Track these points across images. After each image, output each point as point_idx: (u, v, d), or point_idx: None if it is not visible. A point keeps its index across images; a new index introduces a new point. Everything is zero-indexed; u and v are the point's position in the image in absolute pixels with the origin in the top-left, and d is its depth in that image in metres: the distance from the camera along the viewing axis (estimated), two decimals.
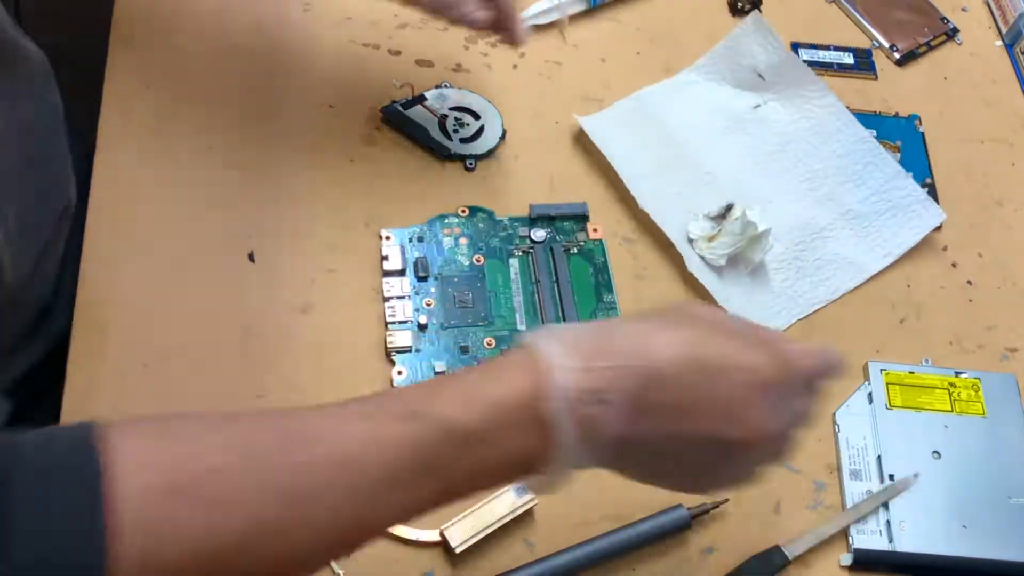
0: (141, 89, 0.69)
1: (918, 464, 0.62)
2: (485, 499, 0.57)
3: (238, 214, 0.66)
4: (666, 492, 0.61)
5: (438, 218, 0.68)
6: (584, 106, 0.75)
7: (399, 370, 0.62)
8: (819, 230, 0.72)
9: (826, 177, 0.74)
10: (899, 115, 0.79)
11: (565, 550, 0.57)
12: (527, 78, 0.76)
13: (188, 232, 0.65)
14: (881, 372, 0.66)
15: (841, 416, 0.65)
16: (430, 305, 0.65)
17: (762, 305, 0.68)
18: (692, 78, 0.78)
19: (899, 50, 0.83)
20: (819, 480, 0.63)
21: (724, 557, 0.59)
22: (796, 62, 0.76)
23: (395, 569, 0.56)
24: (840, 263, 0.71)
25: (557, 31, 0.79)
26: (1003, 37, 0.86)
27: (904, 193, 0.73)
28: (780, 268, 0.70)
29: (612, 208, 0.71)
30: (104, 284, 0.62)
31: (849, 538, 0.60)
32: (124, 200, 0.65)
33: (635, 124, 0.74)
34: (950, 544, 0.60)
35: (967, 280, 0.72)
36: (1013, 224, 0.76)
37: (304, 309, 0.64)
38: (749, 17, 0.77)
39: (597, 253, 0.69)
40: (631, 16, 0.81)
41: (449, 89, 0.74)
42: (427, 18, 0.77)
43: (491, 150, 0.72)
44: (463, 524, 0.57)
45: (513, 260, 0.68)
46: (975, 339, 0.70)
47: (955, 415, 0.65)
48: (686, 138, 0.74)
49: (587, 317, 0.66)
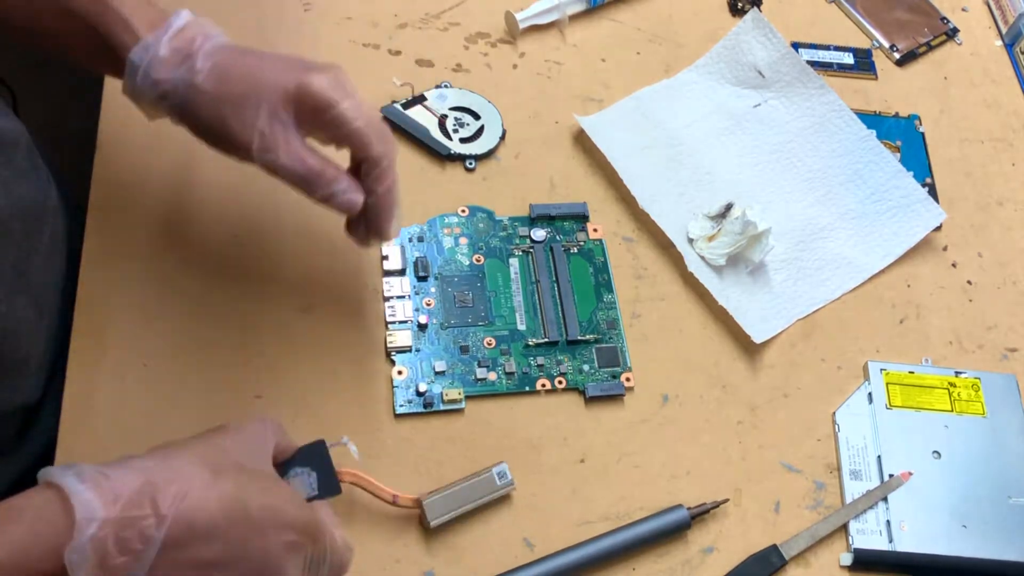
0: None
1: (918, 464, 0.62)
2: (464, 479, 0.58)
3: (238, 214, 0.66)
4: (666, 492, 0.61)
5: (438, 218, 0.68)
6: (584, 106, 0.75)
7: (399, 370, 0.62)
8: (819, 230, 0.72)
9: (826, 176, 0.74)
10: (899, 115, 0.79)
11: (565, 550, 0.57)
12: (527, 78, 0.76)
13: (187, 232, 0.65)
14: (881, 372, 0.66)
15: (841, 416, 0.65)
16: (430, 305, 0.65)
17: (762, 305, 0.68)
18: (692, 78, 0.78)
19: (899, 50, 0.83)
20: (819, 480, 0.63)
21: (724, 557, 0.59)
22: (796, 59, 0.76)
23: (395, 569, 0.56)
24: (840, 263, 0.71)
25: (557, 31, 0.79)
26: (1003, 37, 0.86)
27: (904, 192, 0.73)
28: (780, 268, 0.70)
29: (612, 208, 0.71)
30: (104, 284, 0.62)
31: (849, 538, 0.60)
32: (124, 200, 0.65)
33: (635, 124, 0.74)
34: (950, 544, 0.60)
35: (967, 280, 0.72)
36: (1013, 224, 0.76)
37: (304, 309, 0.64)
38: (748, 15, 0.77)
39: (597, 253, 0.69)
40: (631, 16, 0.81)
41: (449, 89, 0.74)
42: (427, 18, 0.77)
43: (491, 150, 0.72)
44: (441, 499, 0.57)
45: (513, 260, 0.68)
46: (975, 339, 0.70)
47: (955, 415, 0.65)
48: (686, 138, 0.74)
49: (587, 317, 0.66)
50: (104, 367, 0.59)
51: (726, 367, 0.66)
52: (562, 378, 0.63)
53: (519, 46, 0.78)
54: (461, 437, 0.61)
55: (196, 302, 0.63)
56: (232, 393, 0.60)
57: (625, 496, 0.61)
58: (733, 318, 0.66)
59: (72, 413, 0.58)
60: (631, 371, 0.64)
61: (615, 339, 0.65)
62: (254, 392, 0.60)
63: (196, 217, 0.66)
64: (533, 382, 0.63)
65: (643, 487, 0.61)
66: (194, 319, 0.62)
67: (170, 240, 0.65)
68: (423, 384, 0.61)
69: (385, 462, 0.59)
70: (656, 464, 0.62)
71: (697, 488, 0.61)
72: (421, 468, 0.60)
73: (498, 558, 0.57)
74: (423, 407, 0.61)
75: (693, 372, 0.66)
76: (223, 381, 0.60)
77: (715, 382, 0.65)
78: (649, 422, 0.63)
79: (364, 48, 0.75)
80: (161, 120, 0.69)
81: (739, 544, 0.60)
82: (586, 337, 0.65)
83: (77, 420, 0.58)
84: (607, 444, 0.62)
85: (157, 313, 0.62)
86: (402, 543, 0.57)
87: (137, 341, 0.61)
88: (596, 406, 0.63)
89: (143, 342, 0.61)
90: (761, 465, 0.63)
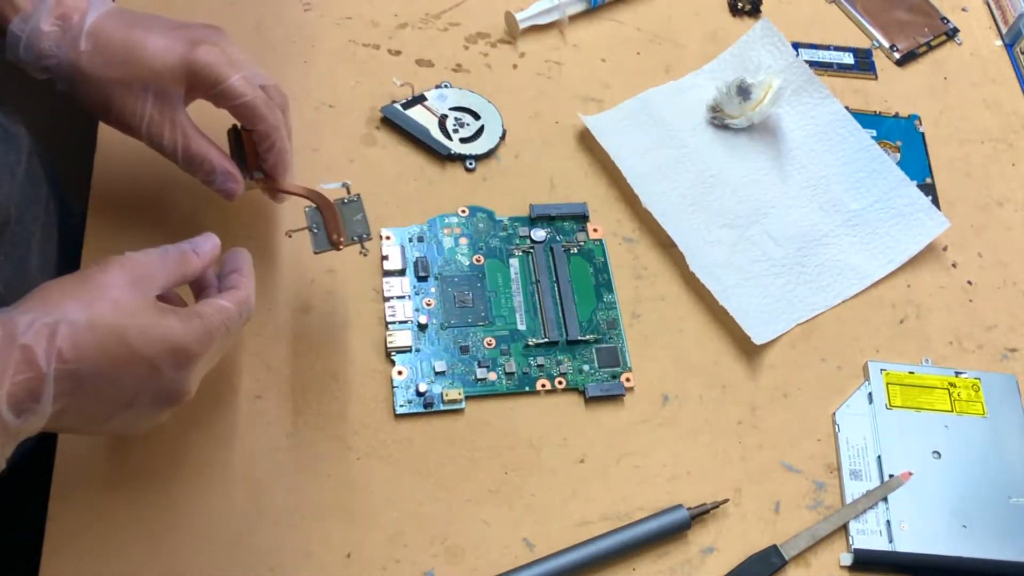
0: None
1: (918, 464, 0.62)
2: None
3: (238, 214, 0.66)
4: (666, 492, 0.61)
5: (438, 218, 0.68)
6: (584, 106, 0.75)
7: (399, 370, 0.62)
8: (821, 236, 0.72)
9: (829, 184, 0.74)
10: (899, 115, 0.79)
11: (565, 550, 0.57)
12: (527, 78, 0.76)
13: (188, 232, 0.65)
14: (881, 372, 0.66)
15: (841, 416, 0.65)
16: (430, 305, 0.65)
17: (762, 307, 0.68)
18: (699, 81, 0.78)
19: (899, 50, 0.83)
20: (819, 480, 0.63)
21: (724, 557, 0.59)
22: (803, 68, 0.76)
23: (395, 569, 0.56)
24: (842, 269, 0.71)
25: (557, 31, 0.79)
26: (1003, 37, 0.86)
27: (908, 201, 0.73)
28: (781, 273, 0.70)
29: (612, 208, 0.71)
30: None
31: (849, 538, 0.60)
32: (124, 200, 0.65)
33: (640, 125, 0.74)
34: (950, 544, 0.60)
35: (967, 280, 0.72)
36: (1013, 224, 0.76)
37: (304, 309, 0.64)
38: (758, 24, 0.77)
39: (597, 253, 0.69)
40: (631, 16, 0.81)
41: (449, 89, 0.74)
42: (427, 18, 0.77)
43: (491, 150, 0.72)
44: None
45: (513, 260, 0.68)
46: (975, 339, 0.70)
47: (955, 415, 0.65)
48: (691, 140, 0.74)
49: (587, 317, 0.66)
50: None
51: (726, 367, 0.66)
52: (562, 378, 0.63)
53: (519, 46, 0.78)
54: (461, 437, 0.61)
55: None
56: (232, 393, 0.60)
57: (625, 496, 0.61)
58: (733, 318, 0.66)
59: None
60: (631, 371, 0.64)
61: (615, 339, 0.65)
62: (254, 392, 0.60)
63: (196, 217, 0.66)
64: (533, 382, 0.63)
65: (643, 487, 0.61)
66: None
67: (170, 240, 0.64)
68: (423, 384, 0.61)
69: (385, 462, 0.59)
70: (656, 464, 0.62)
71: (697, 488, 0.61)
72: (421, 468, 0.60)
73: (498, 558, 0.57)
74: (423, 407, 0.61)
75: (693, 372, 0.66)
76: (222, 381, 0.60)
77: (715, 382, 0.65)
78: (649, 422, 0.63)
79: (364, 48, 0.75)
80: None
81: (739, 544, 0.60)
82: (586, 337, 0.65)
83: None
84: (607, 444, 0.62)
85: None
86: (402, 543, 0.57)
87: None
88: (596, 406, 0.63)
89: None
90: (761, 465, 0.63)
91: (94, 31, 0.54)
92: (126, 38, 0.55)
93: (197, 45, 0.55)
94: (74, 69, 0.55)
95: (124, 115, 0.56)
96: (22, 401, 0.43)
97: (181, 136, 0.56)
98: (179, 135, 0.56)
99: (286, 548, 0.56)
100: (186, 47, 0.55)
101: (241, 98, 0.55)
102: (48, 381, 0.44)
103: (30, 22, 0.54)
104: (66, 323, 0.44)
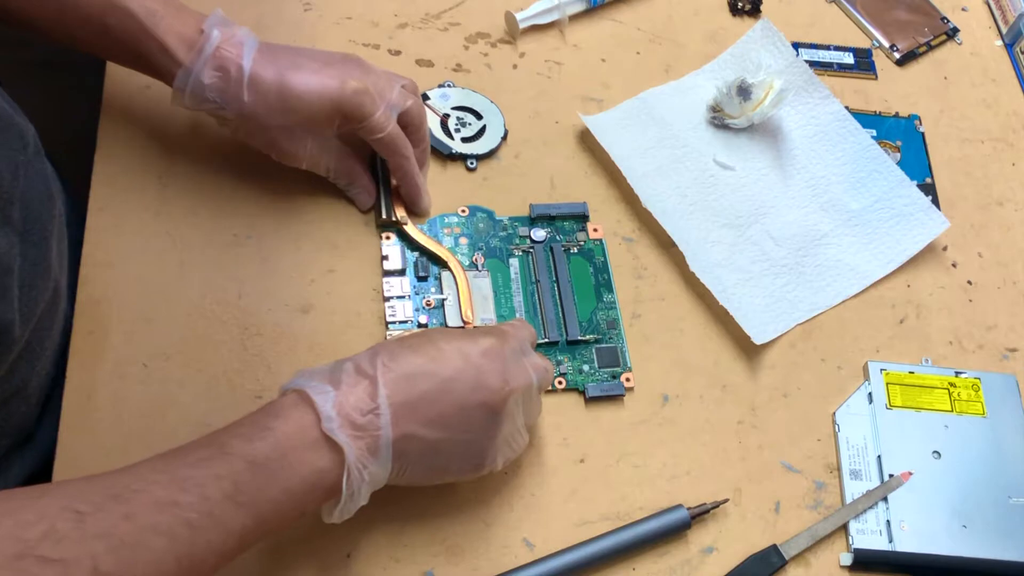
0: (141, 89, 0.69)
1: (918, 464, 0.62)
2: None
3: (238, 214, 0.66)
4: (666, 492, 0.61)
5: (438, 218, 0.68)
6: (584, 106, 0.75)
7: None
8: (821, 236, 0.72)
9: (829, 183, 0.74)
10: (899, 115, 0.79)
11: (565, 550, 0.57)
12: (527, 78, 0.76)
13: (188, 232, 0.65)
14: (881, 372, 0.66)
15: (841, 416, 0.65)
16: (430, 305, 0.65)
17: (762, 307, 0.68)
18: (699, 81, 0.78)
19: (899, 50, 0.83)
20: (819, 480, 0.63)
21: (724, 557, 0.59)
22: (803, 68, 0.76)
23: (395, 569, 0.56)
24: (841, 269, 0.71)
25: (557, 31, 0.79)
26: (1003, 37, 0.86)
27: (908, 201, 0.73)
28: (781, 273, 0.70)
29: (612, 208, 0.71)
30: (104, 284, 0.62)
31: (849, 538, 0.60)
32: (124, 200, 0.65)
33: (640, 124, 0.74)
34: (950, 544, 0.60)
35: (967, 280, 0.73)
36: (1013, 224, 0.76)
37: (304, 309, 0.64)
38: (758, 24, 0.77)
39: (597, 253, 0.69)
40: (631, 16, 0.81)
41: (452, 88, 0.74)
42: (427, 18, 0.77)
43: (493, 150, 0.72)
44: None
45: (513, 260, 0.68)
46: (975, 339, 0.70)
47: (955, 415, 0.65)
48: (690, 140, 0.74)
49: (587, 317, 0.66)
50: (104, 367, 0.59)
51: (726, 367, 0.66)
52: (562, 378, 0.63)
53: (519, 46, 0.78)
54: None
55: (196, 302, 0.63)
56: (232, 393, 0.60)
57: (625, 496, 0.61)
58: (733, 318, 0.66)
59: (72, 413, 0.58)
60: (631, 371, 0.65)
61: (615, 339, 0.66)
62: (254, 392, 0.60)
63: (196, 217, 0.66)
64: None
65: (643, 487, 0.61)
66: (194, 319, 0.62)
67: (170, 240, 0.65)
68: None
69: None
70: (656, 464, 0.62)
71: (697, 488, 0.61)
72: None
73: (498, 558, 0.57)
74: None
75: (693, 372, 0.66)
76: (223, 381, 0.60)
77: (715, 382, 0.65)
78: (649, 422, 0.63)
79: (364, 48, 0.75)
80: (161, 120, 0.69)
81: (739, 544, 0.60)
82: (586, 337, 0.65)
83: (77, 420, 0.58)
84: (607, 444, 0.62)
85: (157, 313, 0.62)
86: (402, 543, 0.57)
87: (137, 341, 0.61)
88: (596, 406, 0.63)
89: (143, 342, 0.61)
90: (761, 465, 0.63)
91: (252, 81, 0.59)
92: (280, 85, 0.60)
93: (345, 84, 0.61)
94: (240, 118, 0.61)
95: (286, 153, 0.64)
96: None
97: (335, 161, 0.65)
98: (333, 160, 0.65)
99: (286, 548, 0.56)
100: (337, 88, 0.60)
101: (376, 135, 0.63)
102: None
103: (191, 75, 0.59)
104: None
